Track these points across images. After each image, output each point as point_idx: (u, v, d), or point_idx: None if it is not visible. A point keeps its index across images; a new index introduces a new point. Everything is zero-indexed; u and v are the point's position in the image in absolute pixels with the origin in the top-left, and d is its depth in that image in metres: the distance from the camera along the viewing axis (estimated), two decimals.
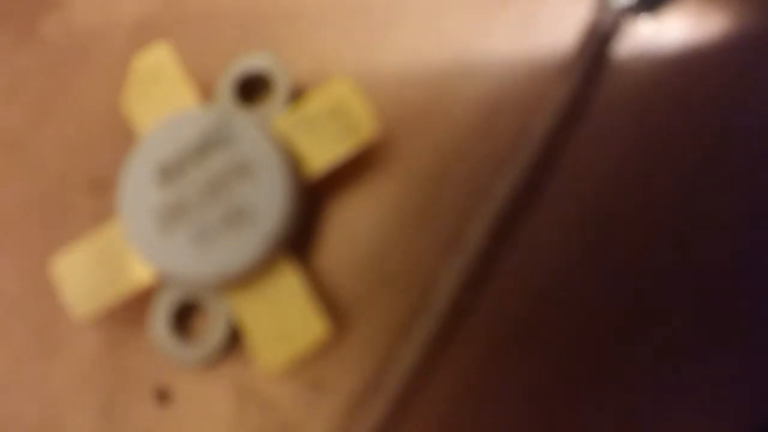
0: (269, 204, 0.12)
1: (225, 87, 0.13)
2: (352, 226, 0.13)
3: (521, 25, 0.14)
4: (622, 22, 0.13)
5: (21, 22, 0.15)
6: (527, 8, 0.14)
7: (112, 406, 0.13)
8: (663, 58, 0.13)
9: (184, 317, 0.13)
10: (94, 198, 0.14)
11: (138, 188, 0.12)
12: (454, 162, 0.13)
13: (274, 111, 0.13)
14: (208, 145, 0.12)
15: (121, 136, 0.14)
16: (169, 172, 0.12)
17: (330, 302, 0.13)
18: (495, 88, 0.13)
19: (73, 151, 0.15)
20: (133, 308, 0.13)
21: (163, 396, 0.13)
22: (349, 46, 0.14)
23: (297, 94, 0.13)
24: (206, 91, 0.13)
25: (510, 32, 0.14)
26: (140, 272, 0.12)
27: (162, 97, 0.13)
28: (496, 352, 0.13)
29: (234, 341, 0.13)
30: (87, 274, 0.12)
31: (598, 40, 0.13)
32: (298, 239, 0.13)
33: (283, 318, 0.12)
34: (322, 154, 0.12)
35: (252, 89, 0.13)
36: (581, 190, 0.13)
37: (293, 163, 0.12)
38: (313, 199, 0.13)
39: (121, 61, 0.14)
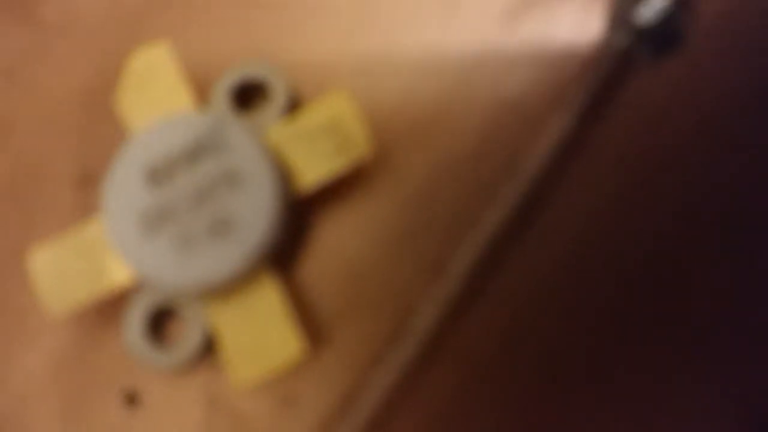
0: (256, 217, 0.12)
1: (221, 92, 0.13)
2: (338, 242, 0.13)
3: (525, 51, 0.14)
4: (625, 63, 0.13)
5: (23, 5, 0.15)
6: (533, 35, 0.14)
7: (78, 404, 0.13)
8: (665, 100, 0.13)
9: (160, 321, 0.13)
10: (79, 190, 0.14)
11: (124, 188, 0.12)
12: (445, 185, 0.13)
13: (270, 120, 0.13)
14: (199, 150, 0.12)
15: (114, 129, 0.14)
16: (157, 175, 0.12)
17: (309, 318, 0.13)
18: (493, 112, 0.13)
19: (63, 139, 0.14)
20: (109, 307, 0.13)
21: (131, 399, 0.13)
22: (350, 59, 0.14)
23: (294, 104, 0.13)
24: (203, 92, 0.13)
25: (513, 58, 0.14)
26: (119, 273, 0.12)
27: (157, 97, 0.13)
28: (473, 380, 0.13)
29: (208, 348, 0.13)
30: (64, 270, 0.12)
31: (598, 76, 0.13)
32: (283, 252, 0.13)
33: (260, 333, 0.12)
34: (314, 170, 0.12)
35: (249, 96, 0.13)
36: (570, 224, 0.13)
37: (284, 176, 0.12)
38: (300, 212, 0.13)
39: (121, 52, 0.14)
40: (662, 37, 0.12)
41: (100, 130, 0.14)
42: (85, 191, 0.14)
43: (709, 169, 0.13)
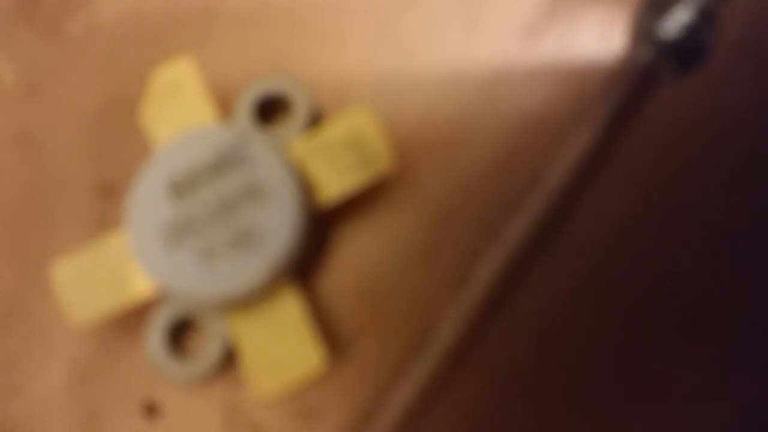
0: (278, 229, 0.12)
1: (244, 106, 0.13)
2: (359, 256, 0.13)
3: (546, 66, 0.14)
4: (648, 78, 0.13)
5: (47, 20, 0.15)
6: (554, 50, 0.14)
7: (98, 414, 0.13)
8: (688, 115, 0.13)
9: (181, 333, 0.13)
10: (102, 203, 0.14)
11: (148, 201, 0.12)
12: (467, 200, 0.13)
13: (292, 134, 0.13)
14: (222, 164, 0.12)
15: (138, 143, 0.14)
16: (180, 188, 0.12)
17: (329, 331, 0.13)
18: (515, 127, 0.13)
19: (87, 153, 0.14)
20: (130, 318, 0.13)
21: (151, 410, 0.13)
22: (371, 74, 0.14)
23: (316, 118, 0.13)
24: (225, 106, 0.13)
25: (534, 73, 0.14)
26: (142, 285, 0.12)
27: (181, 111, 0.13)
28: (494, 397, 0.13)
29: (228, 360, 0.13)
30: (88, 281, 0.12)
31: (621, 91, 0.13)
32: (304, 266, 0.13)
33: (281, 345, 0.12)
34: (336, 184, 0.12)
35: (271, 109, 0.13)
36: (594, 238, 0.13)
37: (306, 190, 0.12)
38: (322, 226, 0.13)
39: (144, 66, 0.14)
40: (686, 53, 0.12)
41: (123, 143, 0.14)
42: (107, 203, 0.14)
43: (734, 185, 0.13)
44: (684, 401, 0.12)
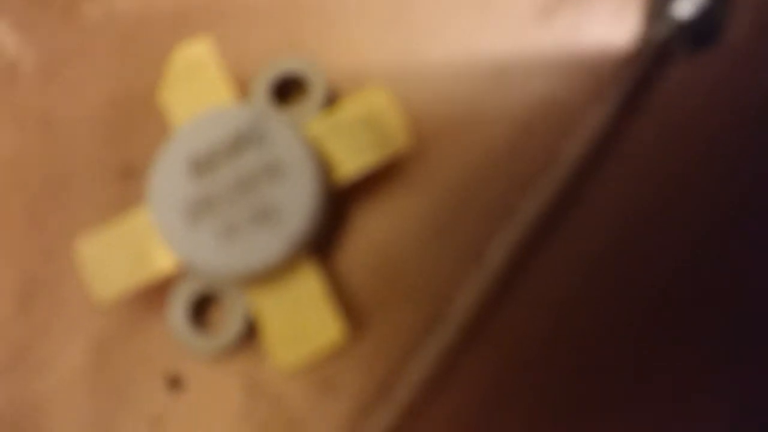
0: (296, 206, 0.12)
1: (261, 86, 0.13)
2: (376, 233, 0.13)
3: (559, 48, 0.14)
4: (663, 57, 0.13)
5: (65, 4, 0.15)
6: (567, 31, 0.14)
7: (123, 388, 0.14)
8: (703, 94, 0.13)
9: (203, 308, 0.13)
10: (122, 184, 0.14)
11: (169, 179, 0.12)
12: (482, 178, 0.13)
13: (309, 114, 0.13)
14: (241, 142, 0.12)
15: (156, 124, 0.14)
16: (200, 167, 0.12)
17: (347, 306, 0.13)
18: (531, 107, 0.14)
19: (106, 135, 0.15)
20: (153, 293, 0.13)
21: (174, 383, 0.13)
22: (389, 54, 0.14)
23: (332, 98, 0.14)
24: (243, 86, 0.14)
25: (550, 51, 0.14)
26: (164, 260, 0.13)
27: (199, 91, 0.13)
28: (508, 371, 0.13)
29: (249, 334, 0.13)
30: (111, 257, 0.13)
31: (636, 70, 0.13)
32: (322, 242, 0.13)
33: (301, 318, 0.12)
34: (353, 162, 0.13)
35: (288, 89, 0.14)
36: (607, 221, 0.13)
37: (323, 167, 0.13)
38: (339, 203, 0.13)
39: (162, 49, 0.14)
40: (701, 31, 0.12)
41: (141, 125, 0.14)
42: (127, 184, 0.14)
43: (749, 164, 0.13)
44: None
